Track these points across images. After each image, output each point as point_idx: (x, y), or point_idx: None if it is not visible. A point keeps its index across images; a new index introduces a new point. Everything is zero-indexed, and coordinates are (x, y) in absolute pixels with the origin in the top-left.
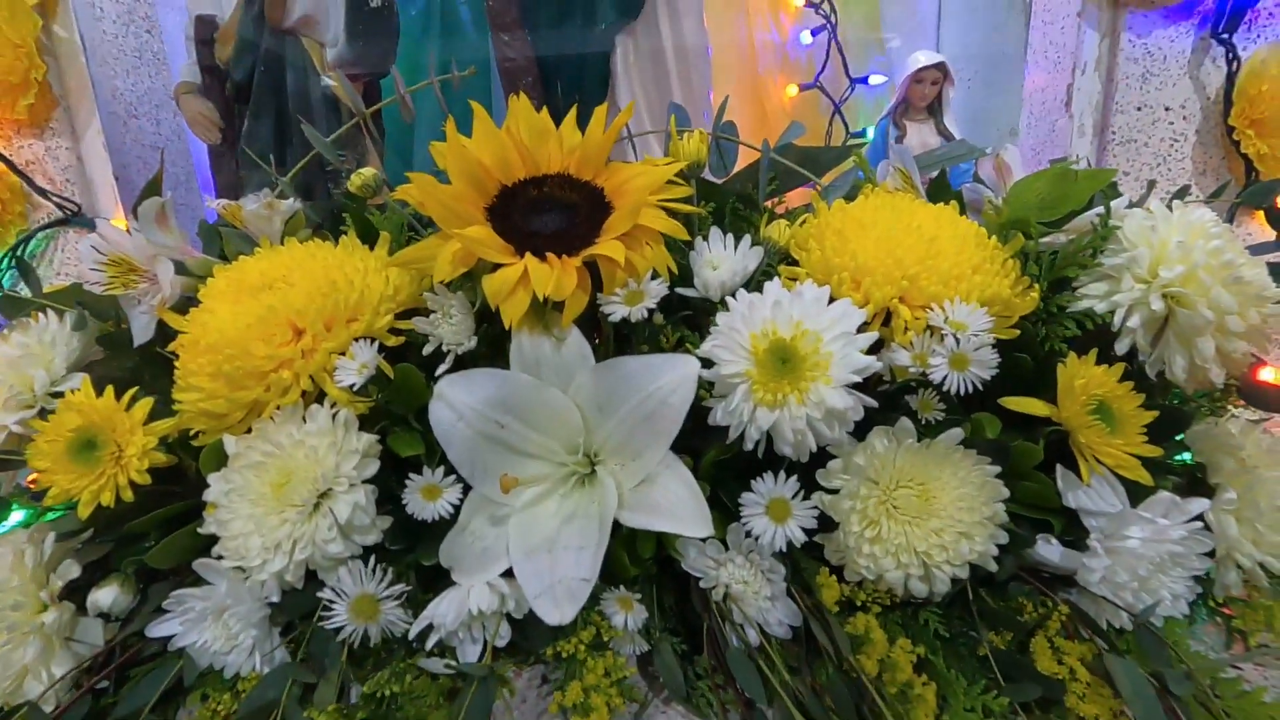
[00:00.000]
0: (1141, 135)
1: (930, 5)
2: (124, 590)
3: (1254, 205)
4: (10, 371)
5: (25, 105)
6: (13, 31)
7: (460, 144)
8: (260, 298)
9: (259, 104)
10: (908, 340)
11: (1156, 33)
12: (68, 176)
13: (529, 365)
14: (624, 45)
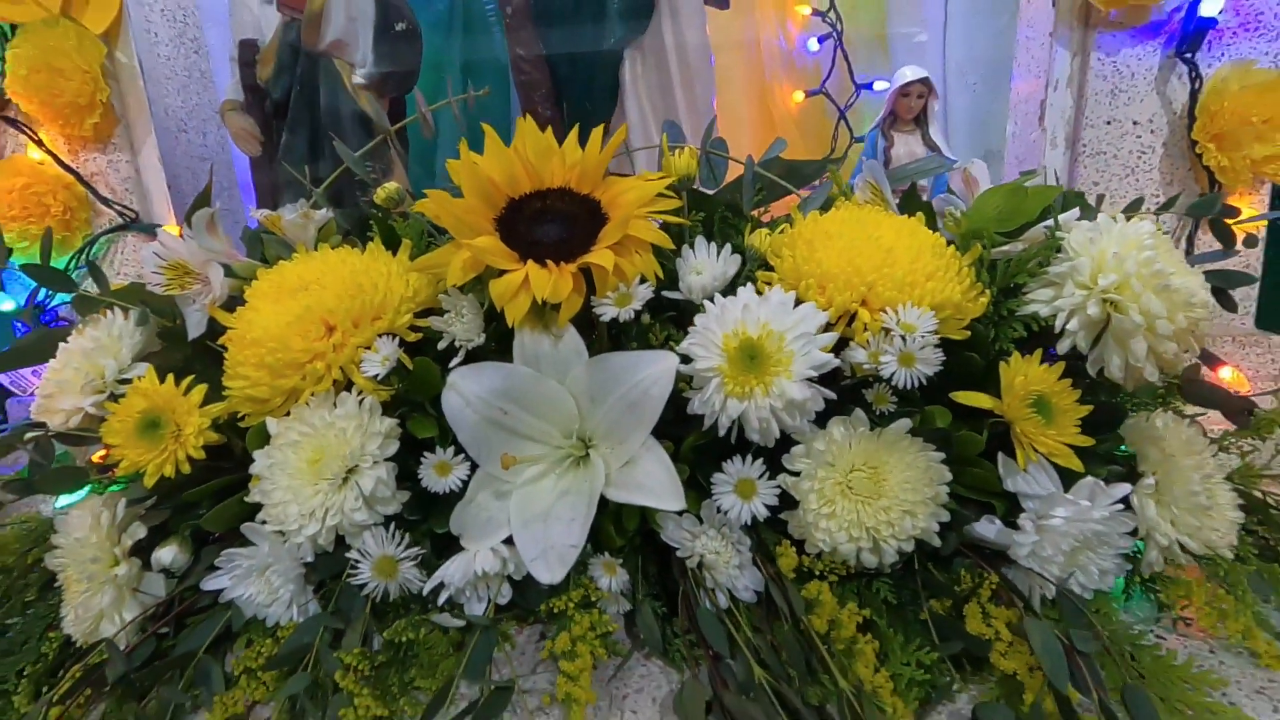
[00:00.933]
0: (1111, 148)
1: (936, 11)
2: (182, 550)
3: (1198, 216)
4: (85, 361)
5: (91, 124)
6: (81, 59)
7: (472, 162)
8: (297, 298)
9: (295, 120)
10: (865, 340)
11: (1124, 51)
12: (127, 186)
13: (530, 359)
14: (631, 58)
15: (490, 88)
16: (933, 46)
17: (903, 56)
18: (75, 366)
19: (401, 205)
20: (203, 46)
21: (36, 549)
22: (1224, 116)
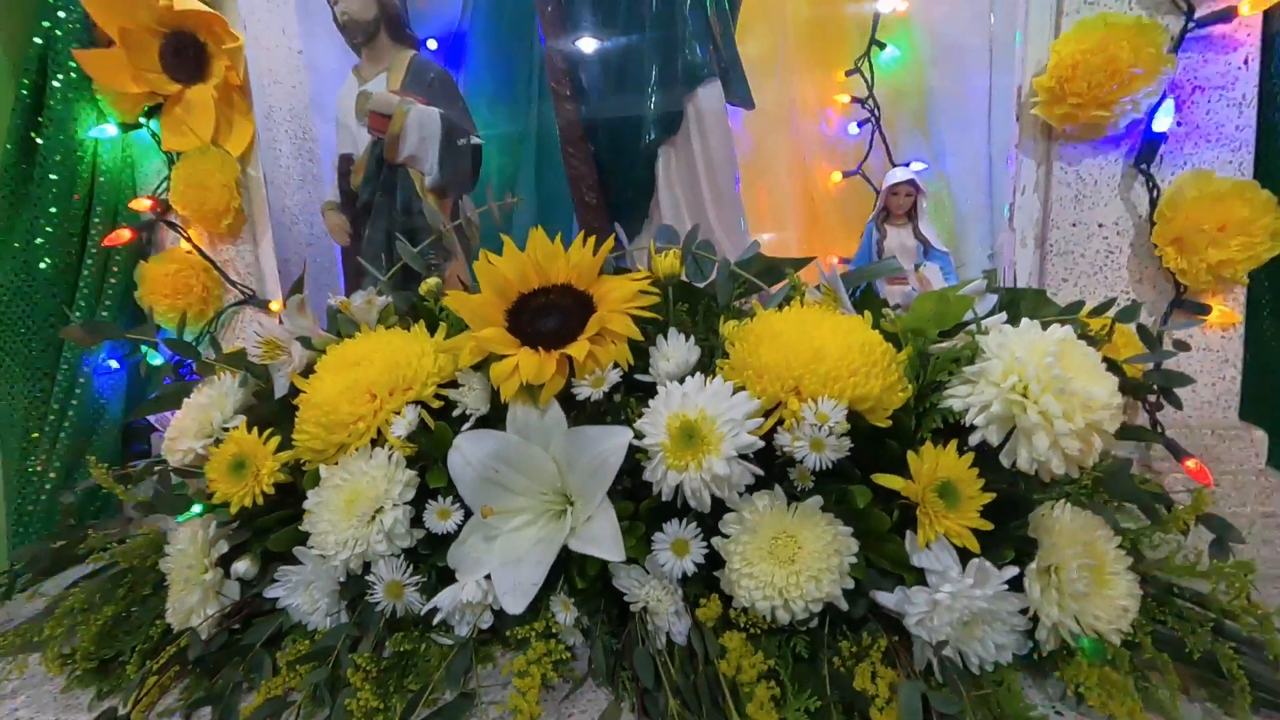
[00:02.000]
0: (1077, 248)
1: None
2: (253, 563)
3: (1125, 322)
4: (200, 413)
5: (225, 224)
6: (222, 176)
7: (491, 263)
8: (351, 372)
9: (376, 217)
10: (790, 426)
11: (1086, 161)
12: (248, 270)
13: (520, 428)
14: (665, 155)
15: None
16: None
17: (943, 140)
18: (193, 417)
19: (442, 296)
20: (316, 155)
21: (154, 555)
22: (1180, 223)
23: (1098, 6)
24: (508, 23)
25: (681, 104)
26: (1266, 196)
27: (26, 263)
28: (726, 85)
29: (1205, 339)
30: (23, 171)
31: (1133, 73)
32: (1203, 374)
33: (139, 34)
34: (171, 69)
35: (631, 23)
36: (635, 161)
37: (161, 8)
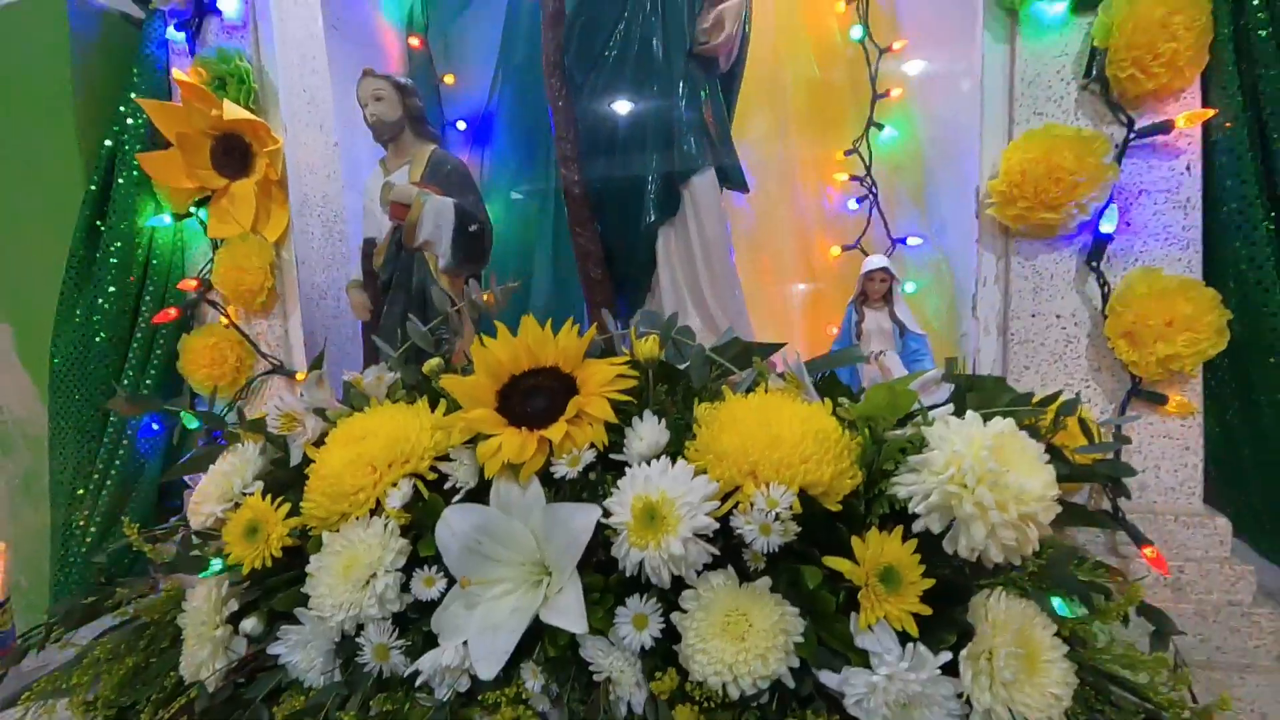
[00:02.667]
0: (1037, 337)
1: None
2: (260, 621)
3: (1067, 414)
4: (223, 479)
5: (260, 302)
6: (259, 260)
7: (485, 347)
8: (356, 446)
9: (395, 296)
10: (744, 509)
11: (1041, 256)
12: (278, 342)
13: (503, 503)
14: (664, 236)
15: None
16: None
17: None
18: (216, 483)
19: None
20: (345, 235)
21: (174, 610)
22: (1130, 318)
23: (1045, 117)
24: (529, 108)
25: (678, 190)
26: (1210, 295)
27: (85, 335)
28: (721, 173)
29: (1165, 427)
30: (88, 256)
31: (1076, 180)
32: (1165, 461)
33: (194, 137)
34: (220, 166)
35: (632, 118)
36: (637, 241)
37: (214, 117)
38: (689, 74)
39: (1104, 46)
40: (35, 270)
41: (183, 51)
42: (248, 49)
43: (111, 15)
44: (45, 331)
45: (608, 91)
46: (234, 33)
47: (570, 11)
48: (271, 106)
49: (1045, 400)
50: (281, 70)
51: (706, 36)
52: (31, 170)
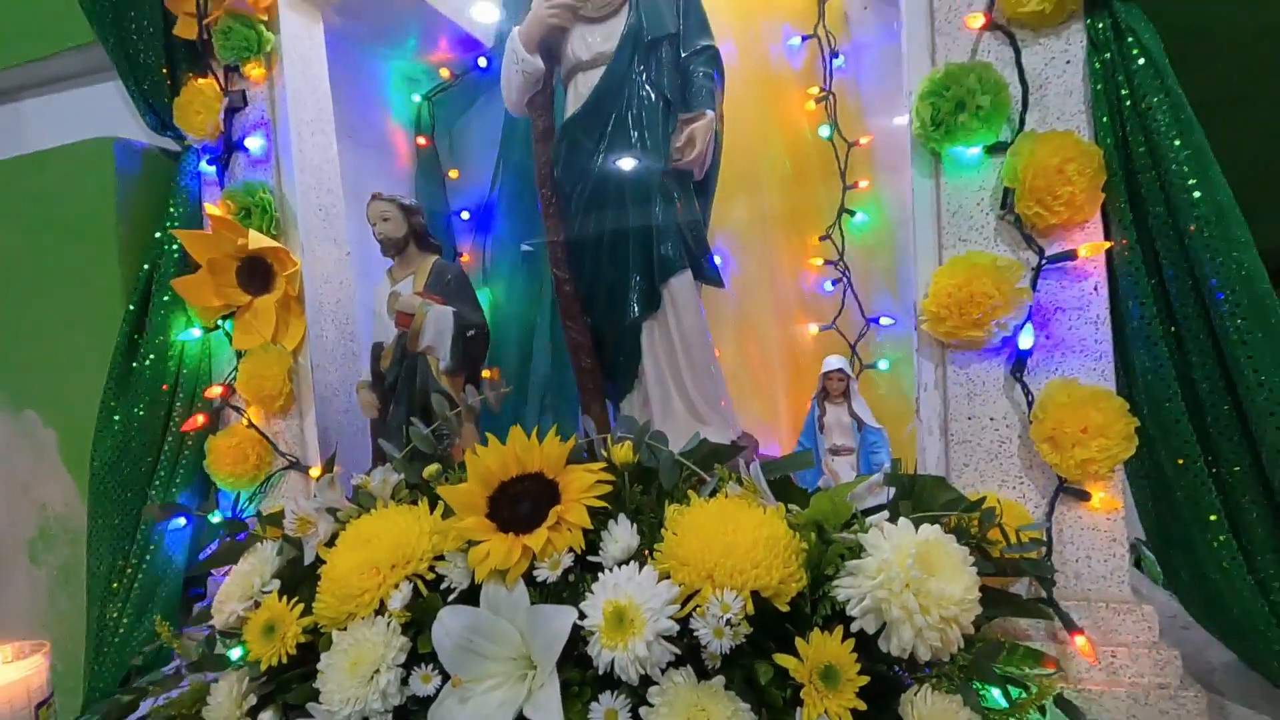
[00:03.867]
0: (974, 438)
1: None
2: (276, 715)
3: (986, 521)
4: (243, 579)
5: (278, 405)
6: (278, 368)
7: (476, 455)
8: (362, 550)
9: (400, 397)
10: (702, 613)
11: (973, 365)
12: (294, 440)
13: (492, 604)
14: (648, 329)
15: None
16: None
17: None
18: (237, 583)
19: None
20: (356, 336)
21: (199, 704)
22: (1050, 424)
23: (969, 243)
24: (527, 202)
25: (658, 290)
26: (1119, 404)
27: (122, 441)
28: (698, 272)
29: (1093, 519)
30: (126, 368)
31: (995, 304)
32: (1095, 551)
33: (222, 260)
34: (245, 285)
35: (616, 225)
36: (623, 334)
37: (240, 245)
38: (665, 186)
39: (1013, 186)
40: (79, 381)
41: (213, 182)
42: (270, 179)
43: (151, 152)
44: (86, 437)
45: (594, 201)
46: (258, 166)
47: (559, 129)
48: (291, 228)
49: (977, 503)
50: (300, 194)
51: (680, 154)
52: (78, 291)
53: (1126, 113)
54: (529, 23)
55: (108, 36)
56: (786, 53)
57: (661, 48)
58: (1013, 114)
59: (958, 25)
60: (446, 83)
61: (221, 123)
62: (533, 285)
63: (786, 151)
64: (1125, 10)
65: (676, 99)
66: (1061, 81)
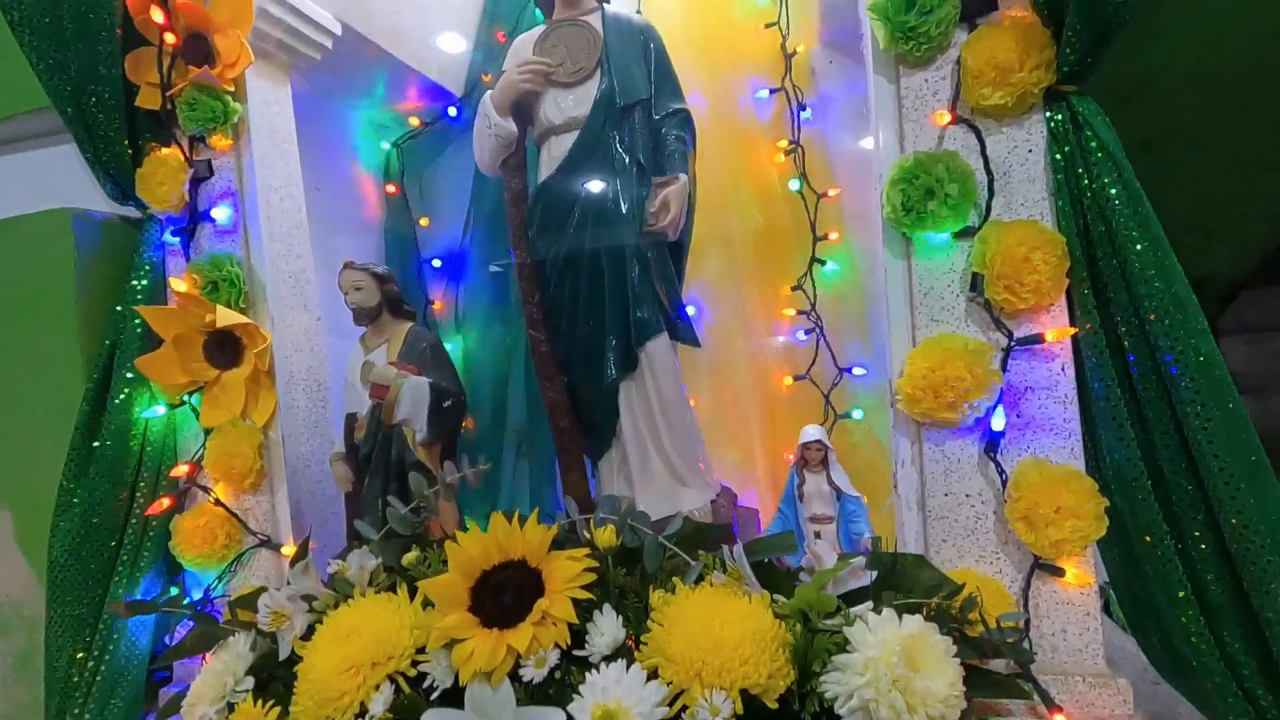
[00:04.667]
0: (951, 513)
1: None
2: None
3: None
4: (215, 679)
5: (249, 482)
6: (247, 445)
7: (458, 544)
8: (340, 647)
9: (375, 469)
10: (691, 715)
11: (948, 443)
12: (265, 517)
13: (477, 704)
14: (625, 389)
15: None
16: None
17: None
18: (209, 683)
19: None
20: (328, 404)
21: None
22: (1025, 505)
23: (941, 324)
24: (498, 253)
25: (635, 352)
26: (1089, 485)
27: (83, 525)
28: (674, 332)
29: (1068, 594)
30: (86, 448)
31: (968, 387)
32: (1070, 625)
33: (189, 335)
34: (212, 359)
35: (591, 287)
36: (601, 395)
37: (207, 321)
38: (640, 250)
39: (981, 272)
40: (36, 461)
41: (178, 253)
42: (238, 250)
43: (112, 221)
44: (44, 520)
45: (569, 264)
46: (225, 236)
47: (533, 192)
48: (260, 299)
49: (958, 588)
50: (269, 263)
51: (655, 219)
52: (36, 367)
53: (1088, 202)
54: (501, 87)
55: (66, 108)
56: (755, 105)
57: (634, 112)
58: (979, 200)
59: (925, 115)
60: (416, 130)
61: (186, 193)
62: (506, 334)
63: (757, 203)
64: (1081, 104)
65: (649, 163)
66: (1024, 169)
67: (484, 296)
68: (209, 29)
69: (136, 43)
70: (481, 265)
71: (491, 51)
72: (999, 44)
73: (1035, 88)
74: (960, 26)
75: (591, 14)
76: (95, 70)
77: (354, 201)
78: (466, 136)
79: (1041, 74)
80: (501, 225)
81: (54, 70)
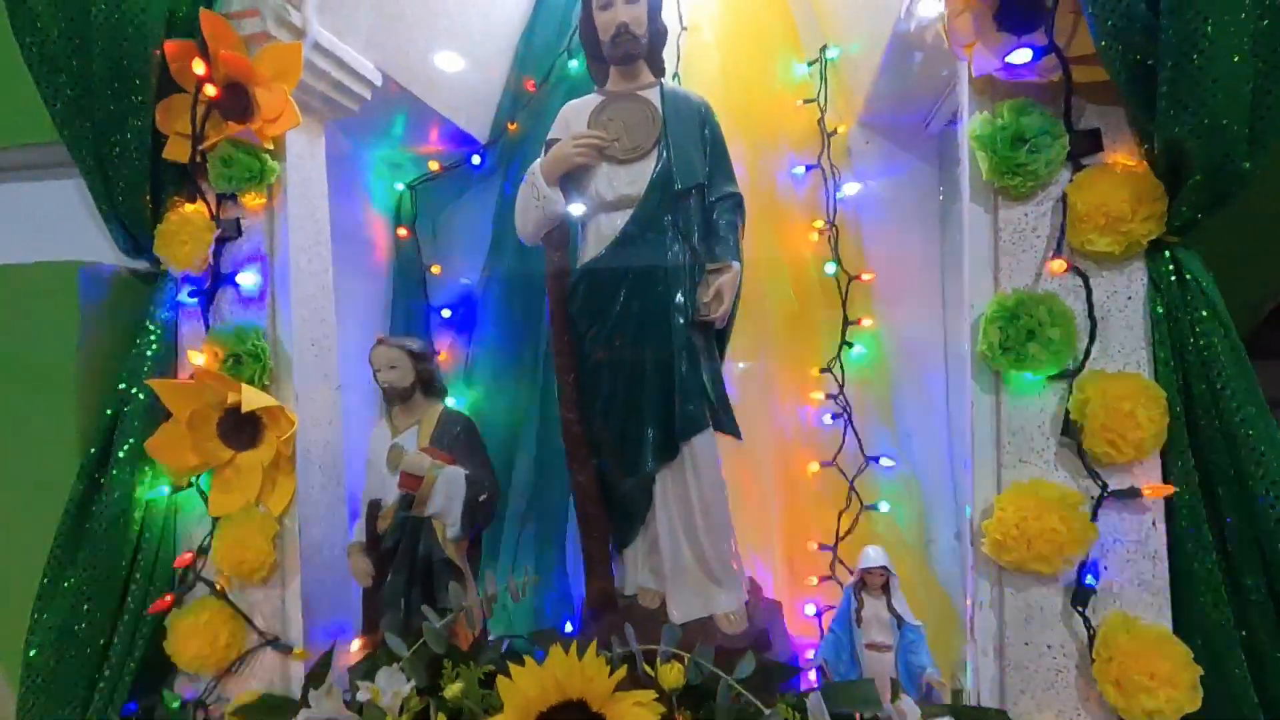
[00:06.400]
0: (1031, 664)
1: (938, 389)
2: None
3: None
4: None
5: (260, 577)
6: (261, 536)
7: (512, 681)
8: None
9: (399, 564)
10: None
11: (1031, 590)
12: (273, 613)
13: None
14: (662, 480)
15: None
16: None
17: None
18: None
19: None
20: (343, 481)
21: None
22: (1116, 669)
23: (1029, 464)
24: (517, 307)
25: (677, 445)
26: (1184, 652)
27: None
28: (717, 424)
29: None
30: (78, 530)
31: (1063, 541)
32: None
33: (204, 411)
34: (229, 440)
35: (634, 371)
36: (635, 484)
37: (231, 402)
38: (690, 340)
39: (1080, 422)
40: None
41: (194, 315)
42: (264, 321)
43: (120, 275)
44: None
45: (611, 347)
46: (250, 305)
47: (578, 269)
48: (284, 375)
49: None
50: (295, 332)
51: (708, 310)
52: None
53: (1190, 359)
54: (553, 159)
55: (85, 155)
56: (792, 180)
57: (689, 195)
58: (1077, 346)
59: (1022, 249)
60: (434, 173)
61: (210, 255)
62: (519, 394)
63: (790, 281)
64: (1186, 257)
65: (701, 248)
66: (1123, 315)
67: (496, 351)
68: (252, 82)
69: (169, 89)
70: (497, 322)
71: (520, 99)
72: (1112, 192)
73: (1144, 238)
74: (1065, 164)
75: (649, 89)
76: (123, 119)
77: (362, 244)
78: (487, 183)
79: (1153, 225)
80: (520, 284)
81: (75, 114)
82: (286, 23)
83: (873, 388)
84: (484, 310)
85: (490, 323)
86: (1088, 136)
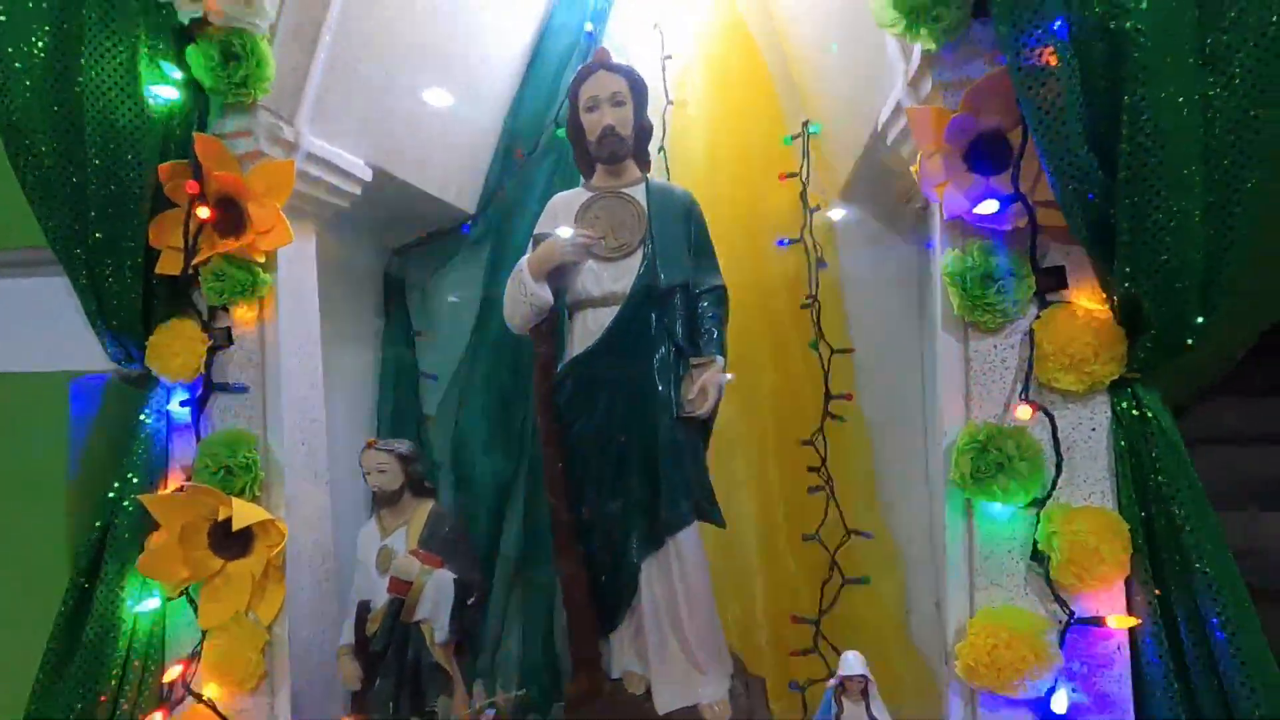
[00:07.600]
0: None
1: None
2: None
3: None
4: None
5: (250, 687)
6: (250, 649)
7: None
8: None
9: (388, 668)
10: None
11: (1003, 711)
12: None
13: None
14: (648, 567)
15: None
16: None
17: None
18: None
19: None
20: (331, 576)
21: None
22: None
23: (1000, 587)
24: (505, 376)
25: (663, 538)
26: None
27: None
28: (701, 514)
29: None
30: (69, 643)
31: (1031, 667)
32: None
33: (195, 524)
34: (218, 549)
35: (621, 469)
36: (621, 572)
37: (222, 515)
38: (674, 436)
39: (1048, 553)
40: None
41: (185, 425)
42: (255, 427)
43: (112, 384)
44: None
45: (598, 440)
46: (241, 412)
47: (566, 362)
48: (275, 482)
49: None
50: (286, 436)
51: (693, 406)
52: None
53: (1151, 494)
54: (541, 257)
55: (79, 274)
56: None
57: (675, 292)
58: (1045, 476)
59: (992, 380)
60: (421, 240)
61: (202, 364)
62: (506, 464)
63: (772, 358)
64: (1146, 394)
65: (686, 341)
66: (1087, 446)
67: (484, 420)
68: (245, 198)
69: (162, 205)
70: (483, 392)
71: (509, 167)
72: (1075, 335)
73: (1106, 378)
74: (1032, 300)
75: (635, 184)
76: (117, 243)
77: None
78: (474, 250)
79: (1114, 367)
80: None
81: (69, 236)
82: (280, 140)
83: (852, 457)
84: (473, 381)
85: (475, 395)
86: (1053, 274)
